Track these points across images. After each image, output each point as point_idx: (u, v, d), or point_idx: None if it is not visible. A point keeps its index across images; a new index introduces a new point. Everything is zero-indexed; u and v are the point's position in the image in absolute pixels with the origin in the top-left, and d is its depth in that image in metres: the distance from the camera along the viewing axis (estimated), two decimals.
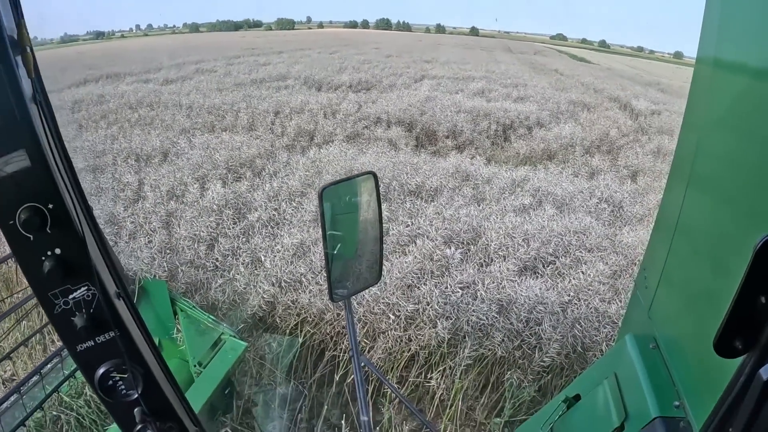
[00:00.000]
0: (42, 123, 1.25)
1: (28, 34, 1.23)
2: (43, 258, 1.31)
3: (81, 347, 1.45)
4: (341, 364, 6.35)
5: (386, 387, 5.97)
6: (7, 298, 6.50)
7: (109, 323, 1.44)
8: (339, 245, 2.71)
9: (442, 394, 6.08)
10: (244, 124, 14.25)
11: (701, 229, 2.11)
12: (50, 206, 1.27)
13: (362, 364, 2.79)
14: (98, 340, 1.45)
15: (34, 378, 5.09)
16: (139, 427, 1.59)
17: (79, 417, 5.20)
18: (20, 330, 6.10)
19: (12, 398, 4.84)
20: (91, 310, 1.41)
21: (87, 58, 38.13)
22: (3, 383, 5.98)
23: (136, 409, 1.58)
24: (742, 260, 1.09)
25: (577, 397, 2.52)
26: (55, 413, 5.18)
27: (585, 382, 2.57)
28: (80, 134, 13.65)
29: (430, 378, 6.14)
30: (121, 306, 1.48)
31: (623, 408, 2.12)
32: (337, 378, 6.33)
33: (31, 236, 1.28)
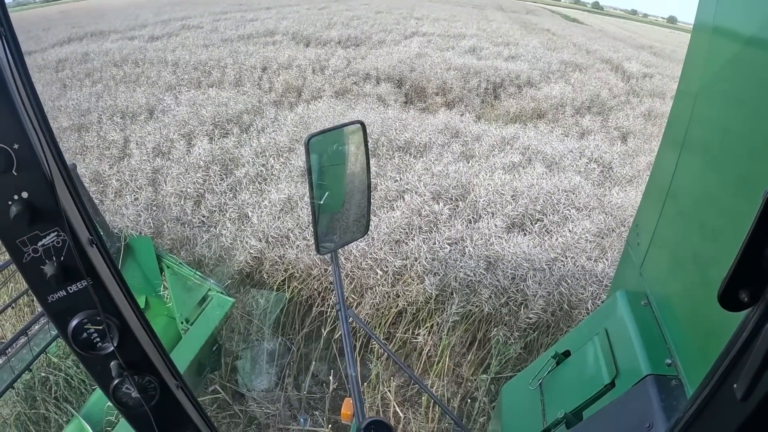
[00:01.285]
0: (6, 55, 1.16)
1: None
2: (10, 203, 1.23)
3: (52, 298, 1.36)
4: (329, 320, 6.35)
5: (374, 342, 5.98)
6: None
7: (81, 271, 1.34)
8: (326, 197, 2.62)
9: (429, 350, 6.10)
10: (231, 80, 14.04)
11: (693, 192, 2.09)
12: (15, 146, 1.18)
13: (350, 319, 2.72)
14: (70, 289, 1.37)
15: (22, 340, 5.06)
16: (116, 381, 1.52)
17: (68, 377, 5.16)
18: (7, 291, 6.03)
19: None
20: (62, 258, 1.32)
21: (71, 16, 37.26)
22: None
23: (112, 363, 1.49)
24: (734, 223, 1.05)
25: (567, 354, 2.50)
26: (43, 374, 5.13)
27: (575, 339, 2.55)
28: (64, 93, 13.39)
29: (418, 334, 6.15)
30: (94, 253, 1.38)
31: (614, 365, 2.10)
32: (324, 333, 6.34)
33: None
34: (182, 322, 5.20)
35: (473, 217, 7.11)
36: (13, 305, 5.50)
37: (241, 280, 6.58)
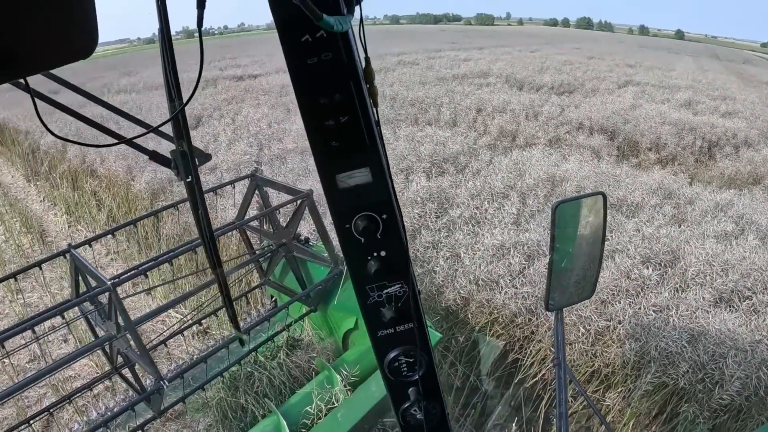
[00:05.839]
0: (381, 145, 1.51)
1: (372, 70, 1.51)
2: (369, 258, 1.60)
3: (382, 333, 1.73)
4: (522, 368, 6.51)
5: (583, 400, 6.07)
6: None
7: (410, 316, 1.71)
8: (563, 259, 2.90)
9: (614, 415, 6.11)
10: (446, 119, 14.38)
11: None
12: (384, 216, 1.54)
13: (567, 378, 2.86)
14: (398, 329, 1.73)
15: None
16: (408, 404, 1.85)
17: (271, 377, 5.69)
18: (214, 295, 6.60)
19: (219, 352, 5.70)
20: (399, 304, 1.68)
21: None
22: (198, 333, 6.87)
23: (411, 389, 1.83)
24: None
25: None
26: (249, 369, 5.73)
27: None
28: (289, 117, 14.62)
29: (606, 398, 6.18)
30: (418, 302, 1.74)
31: None
32: (515, 380, 6.50)
33: (363, 239, 1.57)
34: None
35: (680, 286, 7.00)
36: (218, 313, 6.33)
37: (446, 316, 6.88)
